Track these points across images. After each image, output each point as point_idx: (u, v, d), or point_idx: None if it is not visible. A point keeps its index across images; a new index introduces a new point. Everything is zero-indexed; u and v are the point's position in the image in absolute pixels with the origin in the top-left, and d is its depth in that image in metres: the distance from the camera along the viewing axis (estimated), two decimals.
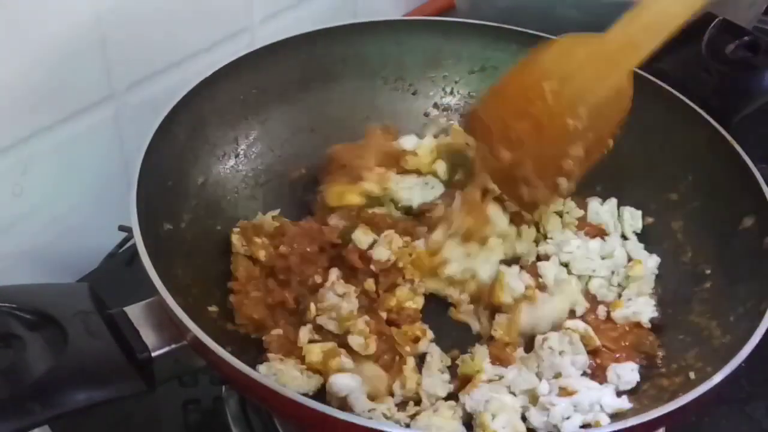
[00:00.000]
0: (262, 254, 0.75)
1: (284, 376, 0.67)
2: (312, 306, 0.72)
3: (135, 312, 0.62)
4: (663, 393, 0.67)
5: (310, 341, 0.71)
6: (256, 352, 0.71)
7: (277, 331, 0.71)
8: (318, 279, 0.74)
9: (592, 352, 0.72)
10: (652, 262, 0.79)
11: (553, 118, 0.67)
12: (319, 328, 0.72)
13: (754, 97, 0.94)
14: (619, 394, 0.69)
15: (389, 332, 0.72)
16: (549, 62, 0.69)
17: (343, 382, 0.66)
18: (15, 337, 0.59)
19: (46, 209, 0.85)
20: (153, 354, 0.60)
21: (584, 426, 0.66)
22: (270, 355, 0.69)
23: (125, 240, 0.91)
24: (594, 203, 0.84)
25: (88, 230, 0.89)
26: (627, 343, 0.73)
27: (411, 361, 0.70)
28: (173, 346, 0.61)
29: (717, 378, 0.59)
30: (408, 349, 0.71)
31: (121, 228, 0.87)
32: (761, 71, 0.96)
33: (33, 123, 0.80)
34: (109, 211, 0.81)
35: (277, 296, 0.73)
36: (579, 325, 0.72)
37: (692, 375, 0.66)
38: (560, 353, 0.70)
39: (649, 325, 0.74)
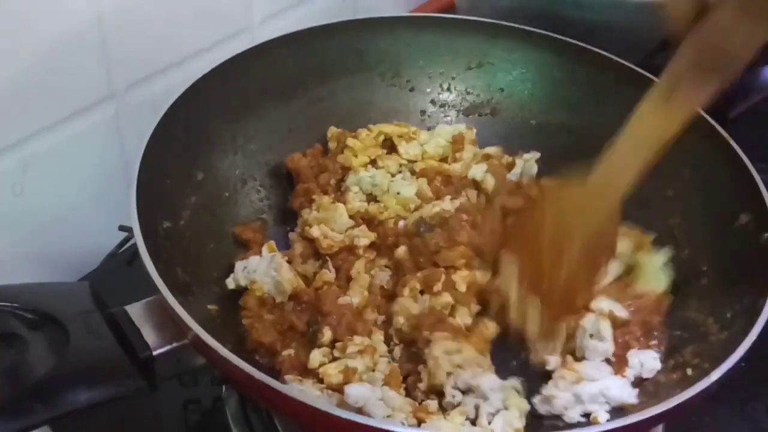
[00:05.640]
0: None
1: (306, 396, 0.65)
2: (326, 331, 0.70)
3: (136, 311, 0.62)
4: (661, 389, 0.68)
5: (321, 364, 0.69)
6: None
7: (288, 352, 0.70)
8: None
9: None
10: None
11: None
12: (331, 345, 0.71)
13: (751, 94, 0.94)
14: (636, 384, 0.69)
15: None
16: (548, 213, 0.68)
17: (358, 392, 0.65)
18: (16, 337, 0.59)
19: (46, 209, 0.85)
20: (154, 353, 0.60)
21: (586, 415, 0.66)
22: (288, 377, 0.68)
23: (125, 240, 0.90)
24: None
25: (89, 230, 0.89)
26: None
27: None
28: (174, 344, 0.61)
29: (714, 375, 0.59)
30: None
31: (122, 228, 0.87)
32: (758, 68, 0.96)
33: (33, 123, 0.80)
34: (109, 211, 0.81)
35: (286, 320, 0.71)
36: (603, 305, 0.72)
37: (689, 372, 0.66)
38: (591, 336, 0.71)
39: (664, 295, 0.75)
